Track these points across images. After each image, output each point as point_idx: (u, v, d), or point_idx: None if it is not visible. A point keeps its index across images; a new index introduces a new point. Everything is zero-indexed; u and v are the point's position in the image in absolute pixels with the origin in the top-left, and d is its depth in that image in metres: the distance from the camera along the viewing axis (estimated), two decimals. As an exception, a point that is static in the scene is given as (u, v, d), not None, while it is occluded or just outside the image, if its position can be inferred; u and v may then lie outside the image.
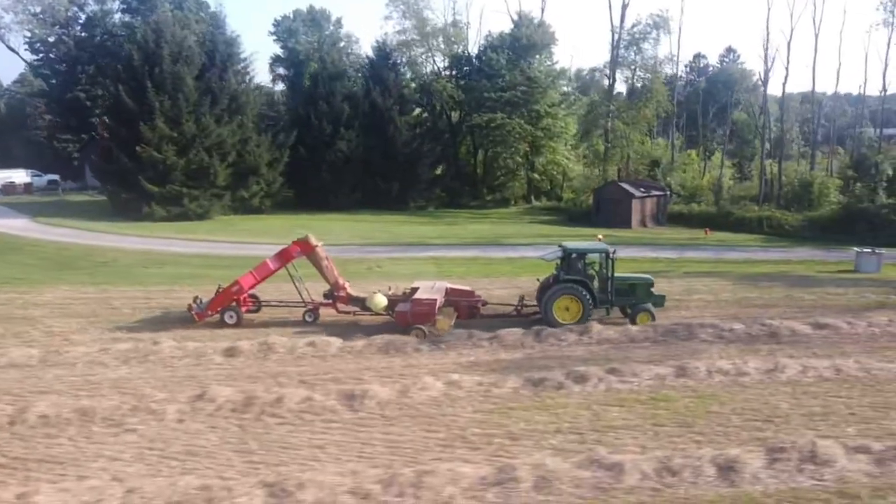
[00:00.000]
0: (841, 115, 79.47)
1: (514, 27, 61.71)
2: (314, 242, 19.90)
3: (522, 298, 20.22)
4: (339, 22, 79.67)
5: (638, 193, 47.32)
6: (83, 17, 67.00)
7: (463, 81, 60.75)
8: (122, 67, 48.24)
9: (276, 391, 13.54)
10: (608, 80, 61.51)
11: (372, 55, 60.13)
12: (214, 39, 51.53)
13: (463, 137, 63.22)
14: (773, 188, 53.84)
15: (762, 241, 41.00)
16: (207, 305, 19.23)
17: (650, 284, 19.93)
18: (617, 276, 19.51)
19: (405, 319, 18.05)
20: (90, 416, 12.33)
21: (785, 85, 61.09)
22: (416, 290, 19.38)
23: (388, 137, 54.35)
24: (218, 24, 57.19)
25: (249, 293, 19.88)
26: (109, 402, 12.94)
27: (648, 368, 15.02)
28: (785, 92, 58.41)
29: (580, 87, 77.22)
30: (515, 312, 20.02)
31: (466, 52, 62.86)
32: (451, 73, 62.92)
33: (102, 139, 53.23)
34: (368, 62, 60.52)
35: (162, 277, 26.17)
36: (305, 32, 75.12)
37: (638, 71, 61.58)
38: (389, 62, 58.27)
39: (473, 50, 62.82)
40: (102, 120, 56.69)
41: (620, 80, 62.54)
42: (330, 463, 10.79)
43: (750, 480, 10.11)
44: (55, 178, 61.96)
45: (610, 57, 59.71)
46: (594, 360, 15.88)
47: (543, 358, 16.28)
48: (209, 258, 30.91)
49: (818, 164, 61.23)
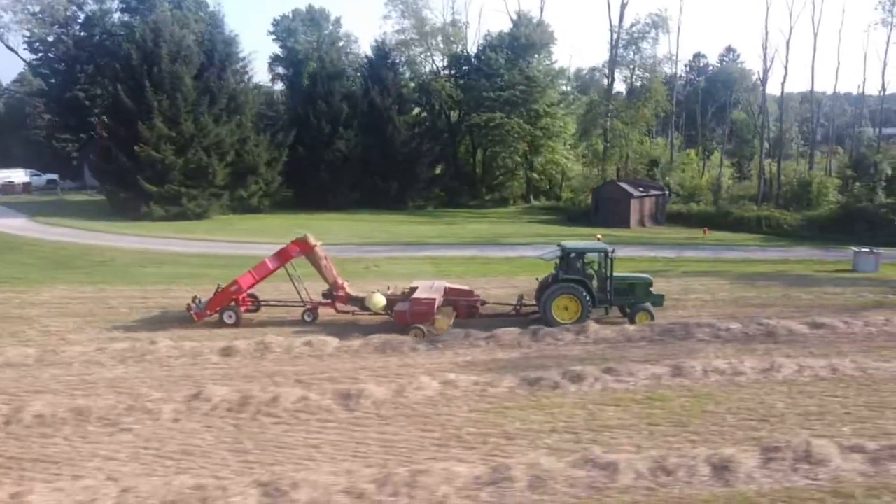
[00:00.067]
0: (840, 114, 79.39)
1: (513, 27, 61.66)
2: (313, 242, 19.90)
3: (521, 298, 20.23)
4: (338, 21, 79.80)
5: (637, 193, 47.30)
6: (82, 16, 67.06)
7: (462, 81, 60.71)
8: (120, 67, 48.24)
9: (271, 391, 13.55)
10: (607, 79, 61.41)
11: (371, 55, 60.10)
12: (213, 39, 51.60)
13: (462, 137, 63.21)
14: (771, 188, 53.81)
15: (761, 240, 41.00)
16: (206, 305, 19.24)
17: (649, 284, 19.95)
18: (616, 275, 19.52)
19: (404, 319, 18.06)
20: (86, 415, 12.33)
21: (784, 84, 60.55)
22: (414, 289, 19.39)
23: (386, 137, 54.33)
24: (217, 23, 57.33)
25: (248, 293, 19.88)
26: (105, 401, 12.95)
27: (645, 368, 15.03)
28: (784, 91, 58.41)
29: (579, 86, 77.25)
30: (514, 312, 20.03)
31: (465, 51, 62.86)
32: (449, 72, 62.88)
33: (101, 139, 53.22)
34: (367, 62, 60.48)
35: (160, 277, 26.18)
36: (304, 32, 75.11)
37: (637, 70, 61.49)
38: (388, 62, 58.22)
39: (472, 49, 62.89)
40: (101, 119, 56.67)
41: (619, 79, 62.53)
42: (325, 462, 10.80)
43: (744, 480, 10.12)
44: (54, 177, 62.05)
45: (609, 56, 59.66)
46: (590, 359, 15.89)
47: (540, 357, 16.30)
48: (207, 258, 30.91)
49: (817, 163, 61.18)
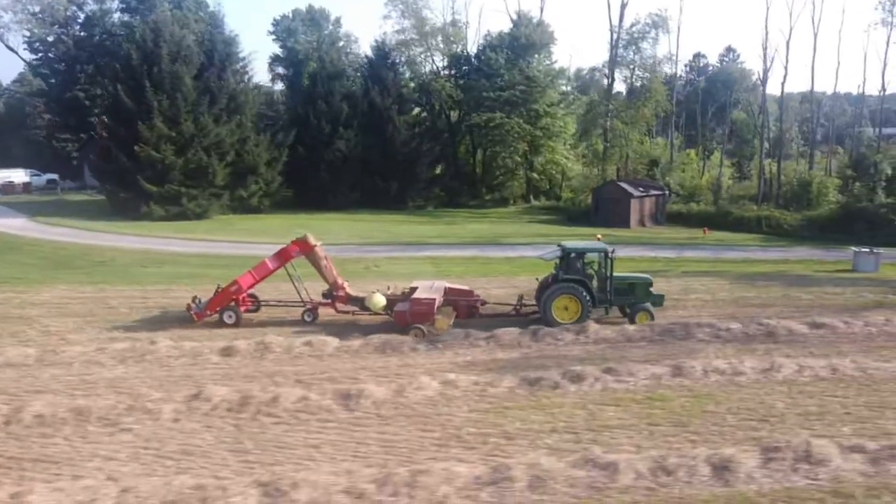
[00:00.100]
0: (840, 114, 79.40)
1: (513, 27, 61.66)
2: (313, 242, 19.90)
3: (521, 298, 20.23)
4: (338, 21, 79.81)
5: (637, 193, 47.30)
6: (82, 16, 67.06)
7: (462, 81, 60.71)
8: (120, 67, 48.24)
9: (271, 391, 13.54)
10: (607, 79, 61.41)
11: (371, 54, 60.09)
12: (213, 39, 51.57)
13: (462, 137, 63.20)
14: (771, 188, 53.80)
15: (761, 240, 40.99)
16: (206, 305, 19.23)
17: (649, 284, 19.94)
18: (616, 275, 19.51)
19: (404, 319, 18.05)
20: (86, 415, 12.33)
21: (784, 84, 60.57)
22: (414, 289, 19.38)
23: (386, 137, 54.33)
24: (217, 23, 57.31)
25: (248, 293, 19.88)
26: (105, 401, 12.94)
27: (645, 368, 15.03)
28: (784, 91, 58.42)
29: (579, 86, 77.22)
30: (514, 312, 20.03)
31: (465, 51, 62.86)
32: (449, 72, 62.88)
33: (101, 139, 53.21)
34: (367, 62, 60.47)
35: (160, 277, 26.18)
36: (304, 32, 75.10)
37: (637, 70, 61.49)
38: (388, 62, 58.22)
39: (472, 49, 62.88)
40: (101, 119, 56.67)
41: (619, 79, 62.53)
42: (325, 462, 10.80)
43: (744, 480, 10.11)
44: (54, 177, 62.05)
45: (609, 56, 59.66)
46: (591, 359, 15.89)
47: (540, 357, 16.29)
48: (208, 258, 30.90)
49: (817, 163, 61.18)
